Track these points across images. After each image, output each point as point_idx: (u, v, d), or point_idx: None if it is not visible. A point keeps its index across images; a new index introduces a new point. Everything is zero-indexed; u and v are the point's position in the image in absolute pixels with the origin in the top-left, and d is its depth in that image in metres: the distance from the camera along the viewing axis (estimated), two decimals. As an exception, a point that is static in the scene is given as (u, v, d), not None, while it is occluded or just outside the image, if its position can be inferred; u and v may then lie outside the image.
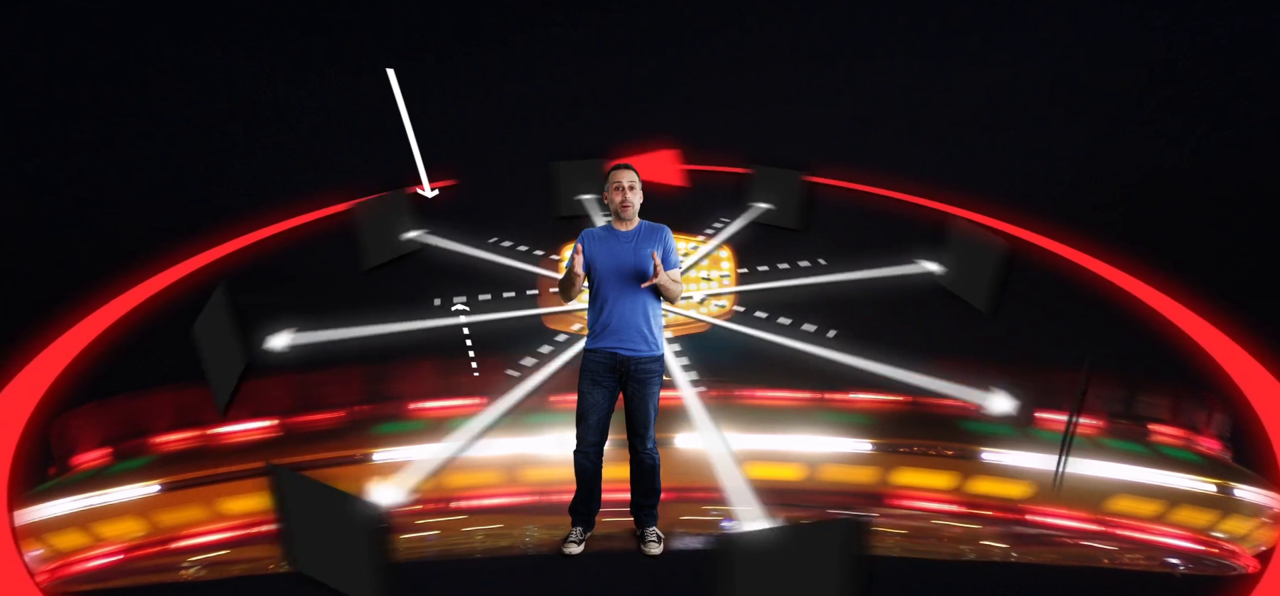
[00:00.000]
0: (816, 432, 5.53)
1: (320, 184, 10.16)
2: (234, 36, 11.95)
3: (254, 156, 11.31)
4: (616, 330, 3.92)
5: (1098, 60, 11.95)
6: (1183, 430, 5.58)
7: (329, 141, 11.82)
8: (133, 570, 4.20)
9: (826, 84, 13.01)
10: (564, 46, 13.16)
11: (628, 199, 3.93)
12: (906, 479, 5.11)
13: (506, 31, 13.13)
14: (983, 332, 6.71)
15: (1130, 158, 11.01)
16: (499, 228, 8.92)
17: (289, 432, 5.52)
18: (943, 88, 12.49)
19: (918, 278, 7.61)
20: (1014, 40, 12.34)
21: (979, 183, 10.16)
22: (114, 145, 10.77)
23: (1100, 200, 10.06)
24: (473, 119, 12.47)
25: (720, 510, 4.68)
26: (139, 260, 8.03)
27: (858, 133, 12.19)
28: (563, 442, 4.39)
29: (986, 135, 11.78)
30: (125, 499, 4.77)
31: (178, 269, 8.05)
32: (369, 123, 11.92)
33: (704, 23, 13.36)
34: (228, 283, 5.65)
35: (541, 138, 11.62)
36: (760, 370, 6.22)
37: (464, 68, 12.97)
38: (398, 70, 10.63)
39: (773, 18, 13.19)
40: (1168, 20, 11.77)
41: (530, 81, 12.91)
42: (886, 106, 12.56)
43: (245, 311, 5.72)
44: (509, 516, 4.74)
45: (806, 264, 8.12)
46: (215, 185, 10.60)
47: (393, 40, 12.54)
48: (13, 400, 5.67)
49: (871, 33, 13.21)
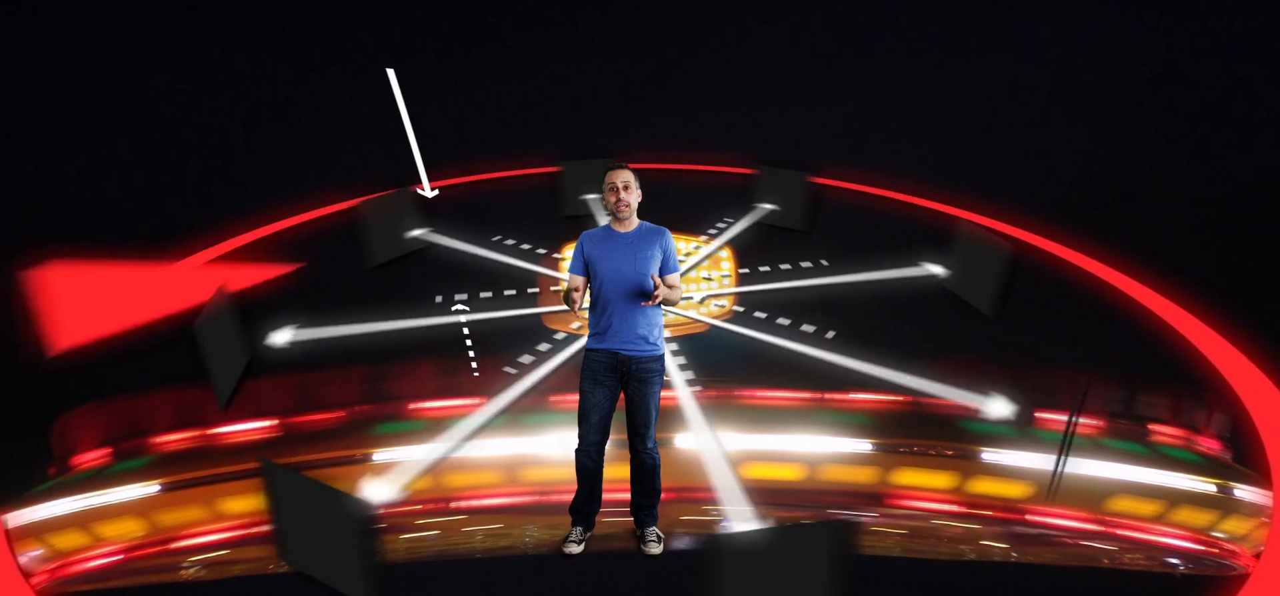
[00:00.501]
0: (816, 433, 5.53)
1: (320, 184, 10.17)
2: (234, 36, 11.96)
3: (254, 156, 11.32)
4: (617, 331, 3.93)
5: (1098, 60, 11.95)
6: (1182, 430, 5.57)
7: (329, 141, 11.83)
8: (132, 570, 4.20)
9: (826, 84, 13.01)
10: (564, 46, 13.16)
11: (622, 199, 3.93)
12: (906, 479, 5.11)
13: (507, 31, 13.14)
14: (981, 332, 6.71)
15: (1130, 158, 11.01)
16: (504, 226, 8.93)
17: (289, 432, 5.52)
18: (943, 88, 12.49)
19: (922, 280, 7.59)
20: (1014, 40, 12.34)
21: (979, 183, 10.16)
22: (114, 145, 10.77)
23: (1100, 200, 10.06)
24: (473, 119, 12.47)
25: (720, 510, 4.69)
26: (139, 260, 8.03)
27: (857, 133, 12.19)
28: (563, 442, 4.39)
29: (986, 135, 11.78)
30: (125, 499, 4.77)
31: (178, 269, 8.05)
32: (369, 123, 11.92)
33: (704, 23, 13.37)
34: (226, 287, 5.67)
35: (540, 138, 11.62)
36: (757, 371, 6.21)
37: (464, 68, 12.97)
38: (398, 70, 10.65)
39: (773, 18, 13.20)
40: (1168, 20, 11.77)
41: (530, 81, 12.91)
42: (886, 106, 12.56)
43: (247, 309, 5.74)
44: (509, 516, 4.73)
45: (808, 265, 8.11)
46: (215, 185, 10.61)
47: (393, 40, 12.54)
48: (12, 399, 5.67)
49: (871, 33, 13.21)
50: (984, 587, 4.10)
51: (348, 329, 6.63)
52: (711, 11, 13.63)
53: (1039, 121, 11.78)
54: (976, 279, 6.86)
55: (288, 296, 7.41)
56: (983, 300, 6.73)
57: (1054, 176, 10.74)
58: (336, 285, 7.75)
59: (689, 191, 10.28)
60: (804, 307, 7.19)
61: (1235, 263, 8.28)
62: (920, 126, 12.19)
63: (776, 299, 7.43)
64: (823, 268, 8.04)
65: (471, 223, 8.85)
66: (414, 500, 4.75)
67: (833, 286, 7.70)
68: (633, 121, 12.48)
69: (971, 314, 6.84)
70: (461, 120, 12.39)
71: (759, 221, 8.90)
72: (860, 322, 6.89)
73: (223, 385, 5.31)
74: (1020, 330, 6.90)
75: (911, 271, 7.73)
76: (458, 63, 12.97)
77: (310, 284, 7.92)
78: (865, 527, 4.54)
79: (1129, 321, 7.03)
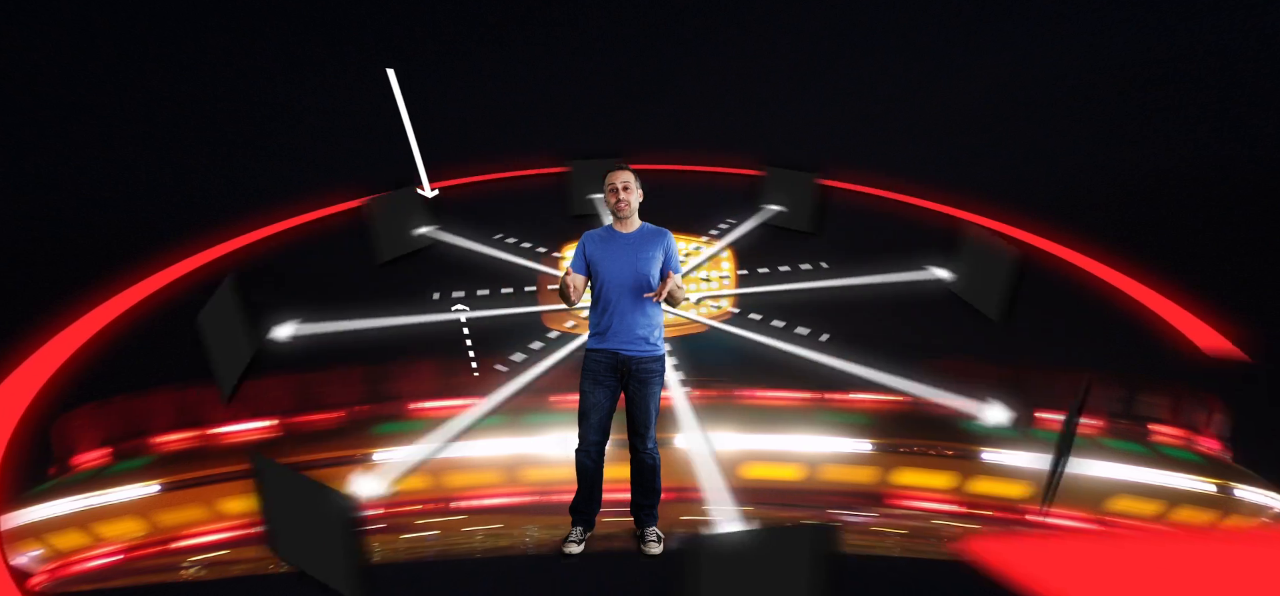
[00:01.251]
0: (816, 433, 5.53)
1: (321, 183, 10.16)
2: (234, 36, 11.94)
3: (254, 156, 11.31)
4: (618, 331, 3.93)
5: (1098, 60, 11.94)
6: (1183, 430, 5.57)
7: (329, 141, 11.82)
8: (132, 570, 4.20)
9: (826, 84, 13.00)
10: (564, 46, 13.16)
11: (622, 199, 3.93)
12: (906, 479, 5.11)
13: (507, 31, 13.14)
14: (981, 333, 6.70)
15: (1130, 157, 11.00)
16: (510, 225, 8.91)
17: (289, 432, 5.52)
18: (943, 88, 12.49)
19: (927, 284, 7.55)
20: (1014, 40, 12.34)
21: (979, 183, 10.16)
22: (114, 145, 10.77)
23: (1100, 200, 10.06)
24: (473, 119, 12.47)
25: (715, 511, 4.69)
26: (139, 260, 8.03)
27: (858, 133, 12.18)
28: (563, 442, 4.39)
29: (986, 135, 11.77)
30: (124, 499, 4.76)
31: (178, 269, 8.05)
32: (369, 122, 11.92)
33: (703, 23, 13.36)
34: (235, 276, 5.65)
35: (541, 138, 11.61)
36: (750, 372, 6.21)
37: (464, 68, 12.97)
38: (398, 70, 10.63)
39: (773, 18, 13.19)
40: (1168, 20, 11.76)
41: (530, 81, 12.91)
42: (886, 106, 12.56)
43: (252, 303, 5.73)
44: (509, 516, 4.73)
45: (808, 267, 8.11)
46: (215, 185, 10.60)
47: (393, 40, 12.53)
48: (12, 400, 5.67)
49: (872, 33, 13.20)
50: (983, 587, 4.10)
51: (351, 324, 6.63)
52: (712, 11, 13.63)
53: (1039, 121, 11.77)
54: (983, 283, 6.83)
55: (293, 289, 7.41)
56: (989, 305, 6.70)
57: (1054, 176, 10.73)
58: (336, 282, 7.75)
59: (693, 192, 10.28)
60: (803, 310, 7.20)
61: (1235, 262, 8.27)
62: (920, 126, 12.19)
63: (776, 301, 7.43)
64: (823, 269, 8.04)
65: (477, 221, 8.84)
66: (414, 500, 4.75)
67: (833, 289, 7.70)
68: (634, 121, 12.48)
69: (977, 318, 6.82)
70: (462, 120, 12.39)
71: (765, 223, 8.87)
72: (858, 325, 6.90)
73: (226, 378, 5.30)
74: (1020, 330, 6.89)
75: (917, 275, 7.69)
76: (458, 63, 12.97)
77: (315, 279, 7.92)
78: (862, 527, 4.54)
79: (1130, 321, 7.03)
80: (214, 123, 11.52)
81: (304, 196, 9.83)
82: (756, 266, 8.15)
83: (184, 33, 11.70)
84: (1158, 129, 11.29)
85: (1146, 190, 10.23)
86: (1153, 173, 10.60)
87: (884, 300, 7.46)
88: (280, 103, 11.97)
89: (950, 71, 12.65)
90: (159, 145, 11.02)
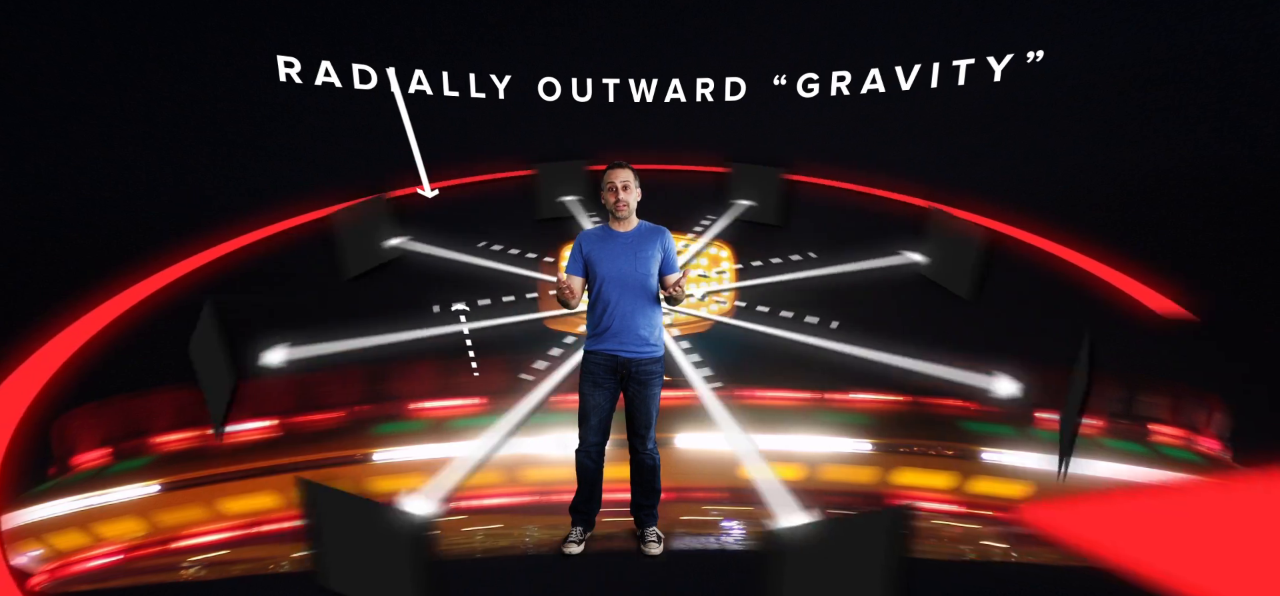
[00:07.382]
0: (816, 432, 5.53)
1: (321, 184, 10.16)
2: (234, 36, 11.93)
3: (254, 156, 11.30)
4: (617, 332, 3.91)
5: (1098, 60, 11.93)
6: (1182, 430, 5.57)
7: (329, 141, 11.82)
8: (133, 570, 4.19)
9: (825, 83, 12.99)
10: (564, 46, 13.14)
11: (621, 199, 3.91)
12: (906, 479, 5.11)
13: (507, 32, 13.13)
14: (981, 333, 6.71)
15: (1130, 157, 11.00)
16: (483, 231, 8.85)
17: (289, 432, 5.52)
18: (943, 87, 12.48)
19: (904, 268, 7.82)
20: (1014, 40, 12.33)
21: (978, 182, 10.16)
22: (114, 145, 10.76)
23: (1100, 200, 10.06)
24: (473, 119, 12.47)
25: (721, 510, 4.69)
26: (139, 260, 8.02)
27: (858, 132, 12.18)
28: (563, 442, 4.39)
29: (986, 135, 11.77)
30: (124, 499, 4.76)
31: (178, 269, 8.05)
32: (369, 122, 11.91)
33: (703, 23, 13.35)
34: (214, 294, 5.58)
35: (540, 138, 11.61)
36: (771, 366, 6.28)
37: (464, 68, 12.95)
38: (398, 70, 10.64)
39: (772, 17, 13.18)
40: (1168, 20, 11.74)
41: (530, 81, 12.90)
42: (886, 106, 12.55)
43: (235, 320, 5.64)
44: (509, 516, 4.73)
45: (798, 258, 8.18)
46: (215, 185, 10.59)
47: (393, 40, 12.52)
48: (11, 399, 5.67)
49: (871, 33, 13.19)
50: (984, 587, 4.10)
51: (342, 344, 6.49)
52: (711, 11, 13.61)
53: (1039, 121, 11.77)
54: (953, 265, 7.04)
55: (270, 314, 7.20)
56: (960, 285, 6.90)
57: (1054, 176, 10.74)
58: (330, 293, 7.56)
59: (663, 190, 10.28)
60: (804, 299, 7.25)
61: (1235, 262, 8.27)
62: (919, 126, 12.18)
63: (774, 292, 7.48)
64: (811, 260, 8.16)
65: (449, 228, 8.79)
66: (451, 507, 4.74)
67: (821, 277, 7.86)
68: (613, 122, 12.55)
69: (952, 299, 7.02)
70: (462, 120, 12.39)
71: (736, 218, 9.00)
72: (862, 310, 7.02)
73: (216, 409, 5.24)
74: (1020, 330, 6.90)
75: (895, 261, 7.89)
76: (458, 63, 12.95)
77: (307, 287, 7.87)
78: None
79: (1130, 321, 7.02)
80: (214, 123, 11.50)
81: (304, 196, 9.83)
82: (750, 260, 8.21)
83: (184, 33, 11.68)
84: (1158, 129, 11.28)
85: (1146, 190, 10.23)
86: (1153, 172, 10.60)
87: (863, 286, 7.66)
88: (280, 103, 11.96)
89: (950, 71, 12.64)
90: (159, 145, 11.01)
